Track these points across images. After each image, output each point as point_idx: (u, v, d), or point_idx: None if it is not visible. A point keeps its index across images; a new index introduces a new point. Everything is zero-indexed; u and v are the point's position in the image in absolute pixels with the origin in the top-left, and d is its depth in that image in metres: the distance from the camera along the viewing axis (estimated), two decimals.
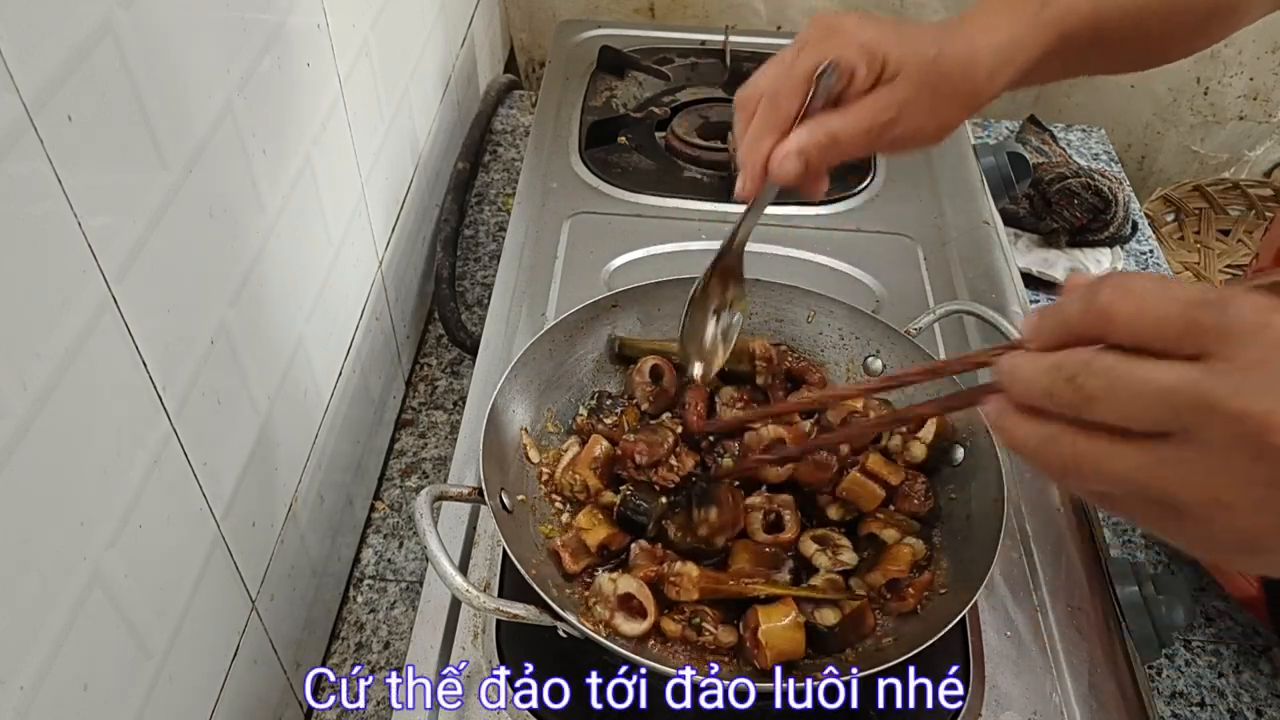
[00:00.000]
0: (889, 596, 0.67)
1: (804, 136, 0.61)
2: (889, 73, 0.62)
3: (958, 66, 0.63)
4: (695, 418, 0.75)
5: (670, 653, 0.65)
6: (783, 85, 0.61)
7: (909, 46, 0.62)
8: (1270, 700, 0.88)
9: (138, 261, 0.55)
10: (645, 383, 0.78)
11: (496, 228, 1.32)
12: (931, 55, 0.62)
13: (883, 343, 0.81)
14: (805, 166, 0.61)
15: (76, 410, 0.50)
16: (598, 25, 1.40)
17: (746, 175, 0.63)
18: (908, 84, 0.62)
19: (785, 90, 0.61)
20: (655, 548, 0.68)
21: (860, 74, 0.61)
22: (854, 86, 0.62)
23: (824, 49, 0.61)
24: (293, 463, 0.82)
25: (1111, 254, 1.28)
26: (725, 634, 0.65)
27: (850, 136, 0.62)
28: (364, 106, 0.95)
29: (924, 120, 0.64)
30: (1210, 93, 1.60)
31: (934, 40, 0.63)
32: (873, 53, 0.61)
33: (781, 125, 0.61)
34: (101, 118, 0.52)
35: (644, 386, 0.78)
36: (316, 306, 0.85)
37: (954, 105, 0.65)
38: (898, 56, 0.62)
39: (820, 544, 0.69)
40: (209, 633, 0.68)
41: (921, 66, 0.62)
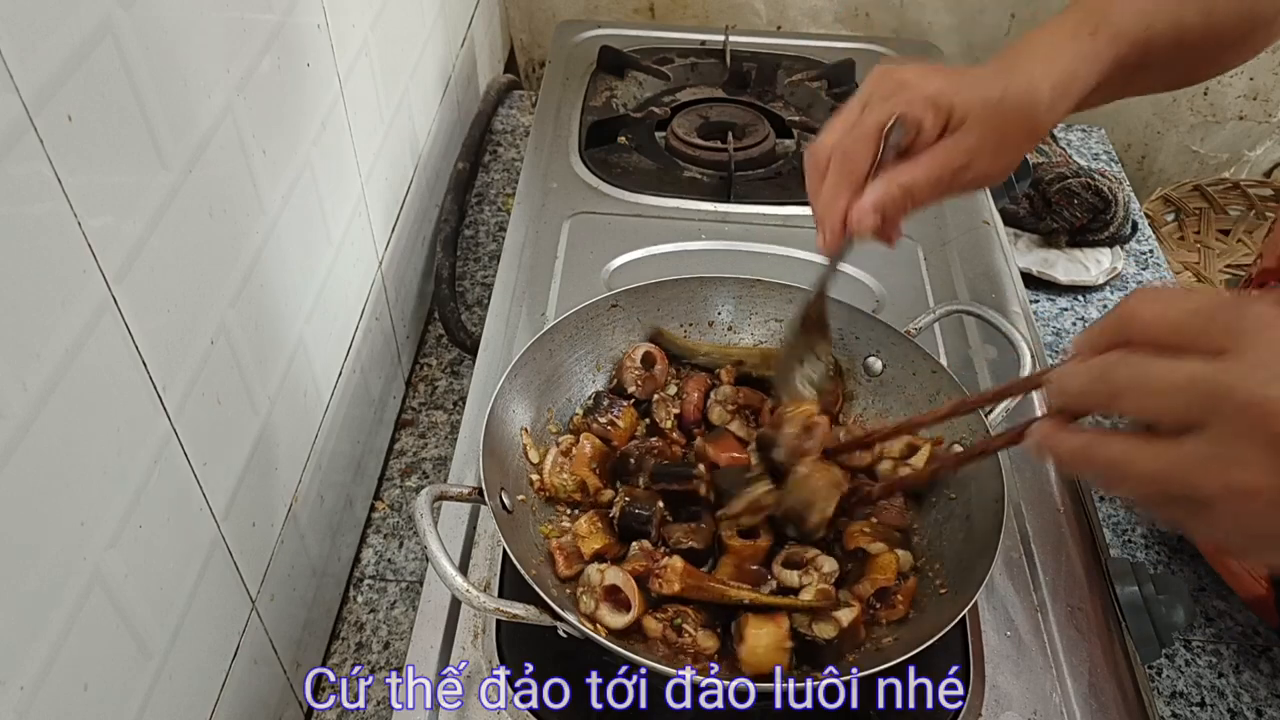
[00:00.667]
0: (879, 606, 0.67)
1: (879, 192, 0.63)
2: (955, 121, 0.63)
3: (1020, 106, 0.64)
4: (691, 408, 0.78)
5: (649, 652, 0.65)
6: (853, 142, 0.63)
7: (973, 93, 0.63)
8: (1270, 700, 0.88)
9: (138, 261, 0.55)
10: (635, 367, 0.79)
11: (496, 228, 1.32)
12: (995, 98, 0.64)
13: (883, 343, 0.81)
14: (882, 220, 0.63)
15: (76, 410, 0.50)
16: (598, 25, 1.40)
17: (826, 232, 0.65)
18: (976, 130, 0.63)
19: (856, 148, 0.63)
20: (656, 550, 0.69)
21: (927, 125, 0.63)
22: (922, 137, 0.63)
23: (891, 104, 0.63)
24: (293, 463, 0.82)
25: (1111, 254, 1.28)
26: (705, 638, 0.65)
27: (923, 187, 0.63)
28: (364, 106, 0.95)
29: (990, 163, 0.65)
30: (1210, 93, 1.60)
31: (995, 83, 0.64)
32: (939, 104, 0.63)
33: (855, 182, 0.63)
34: (101, 118, 0.52)
35: (633, 370, 0.79)
36: (316, 306, 0.85)
37: (1020, 141, 0.66)
38: (964, 102, 0.63)
39: (794, 566, 0.69)
40: (209, 633, 0.68)
41: (986, 111, 0.63)
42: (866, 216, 0.63)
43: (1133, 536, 1.00)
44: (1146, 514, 0.48)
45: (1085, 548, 0.77)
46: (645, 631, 0.65)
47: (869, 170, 0.63)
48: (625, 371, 0.80)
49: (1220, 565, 0.95)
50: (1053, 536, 0.78)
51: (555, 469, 0.73)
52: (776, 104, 1.24)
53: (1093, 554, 0.77)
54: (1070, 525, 0.79)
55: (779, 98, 1.26)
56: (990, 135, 0.64)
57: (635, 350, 0.81)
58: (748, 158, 1.13)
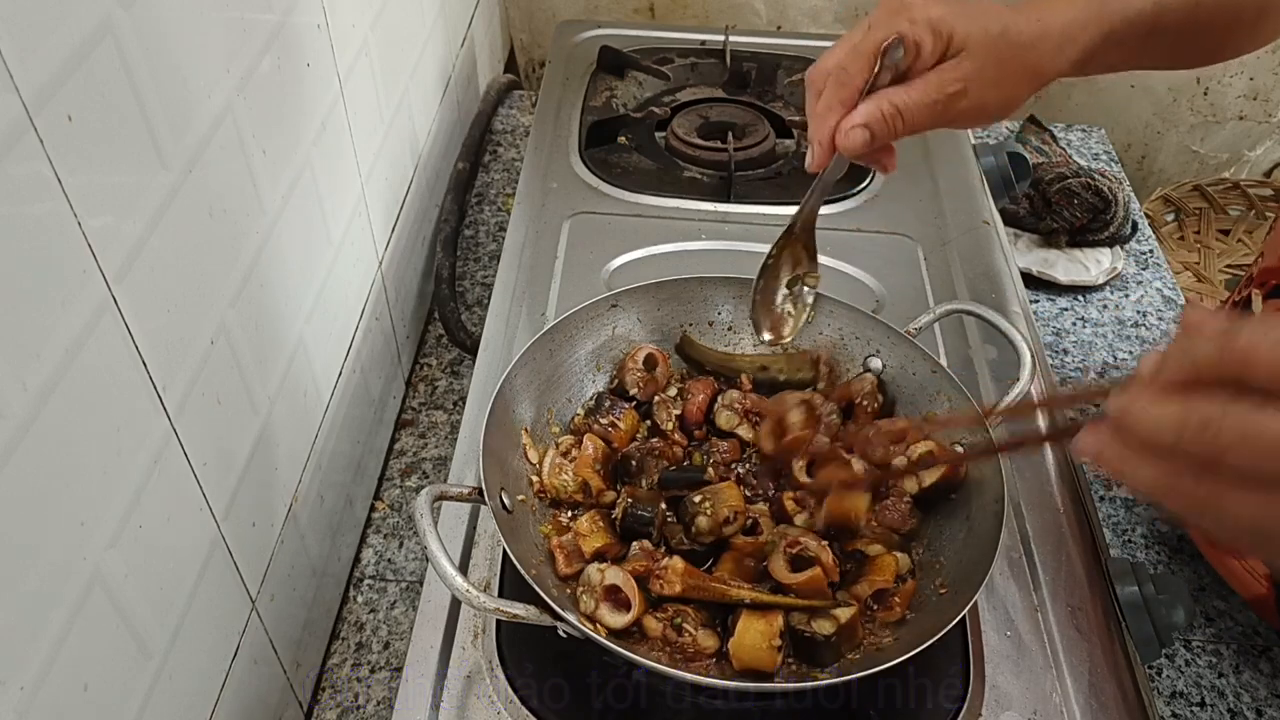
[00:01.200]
0: (876, 607, 0.67)
1: (869, 109, 0.63)
2: (955, 47, 0.63)
3: (1024, 40, 0.64)
4: (695, 409, 0.78)
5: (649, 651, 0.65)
6: (849, 61, 0.63)
7: (975, 21, 0.63)
8: (1270, 700, 0.88)
9: (138, 261, 0.55)
10: (637, 368, 0.79)
11: (496, 228, 1.32)
12: (998, 30, 0.64)
13: (883, 343, 0.81)
14: (871, 138, 0.63)
15: (76, 410, 0.50)
16: (598, 25, 1.40)
17: (815, 148, 0.65)
18: (973, 58, 0.63)
19: (852, 66, 0.63)
20: (657, 550, 0.69)
21: (926, 48, 0.63)
22: (920, 61, 0.63)
23: (890, 25, 0.62)
24: (293, 463, 0.82)
25: (1111, 254, 1.28)
26: (705, 638, 0.65)
27: (915, 109, 0.63)
28: (364, 106, 0.95)
29: (989, 94, 0.65)
30: (1210, 93, 1.60)
31: (999, 16, 0.64)
32: (938, 28, 0.63)
33: (848, 100, 0.63)
34: (101, 118, 0.52)
35: (635, 371, 0.79)
36: (316, 306, 0.85)
37: (1020, 79, 0.66)
38: (964, 31, 0.63)
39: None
40: (209, 633, 0.68)
41: (988, 40, 0.63)
42: (855, 132, 0.63)
43: (1133, 536, 1.00)
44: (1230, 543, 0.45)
45: (1085, 548, 0.77)
46: (645, 631, 0.65)
47: (863, 88, 0.63)
48: (626, 373, 0.79)
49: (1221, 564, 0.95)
50: (1053, 536, 0.78)
51: (554, 470, 0.73)
52: (776, 104, 1.24)
53: (1093, 554, 0.77)
54: (1070, 525, 0.79)
55: (779, 98, 1.26)
56: (989, 66, 0.64)
57: (638, 351, 0.81)
58: (748, 158, 1.13)
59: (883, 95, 0.63)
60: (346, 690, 0.87)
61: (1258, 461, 0.37)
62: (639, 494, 0.71)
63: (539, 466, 0.74)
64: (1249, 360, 0.37)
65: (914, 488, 0.73)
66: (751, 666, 0.63)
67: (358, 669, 0.89)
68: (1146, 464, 0.41)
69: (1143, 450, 0.41)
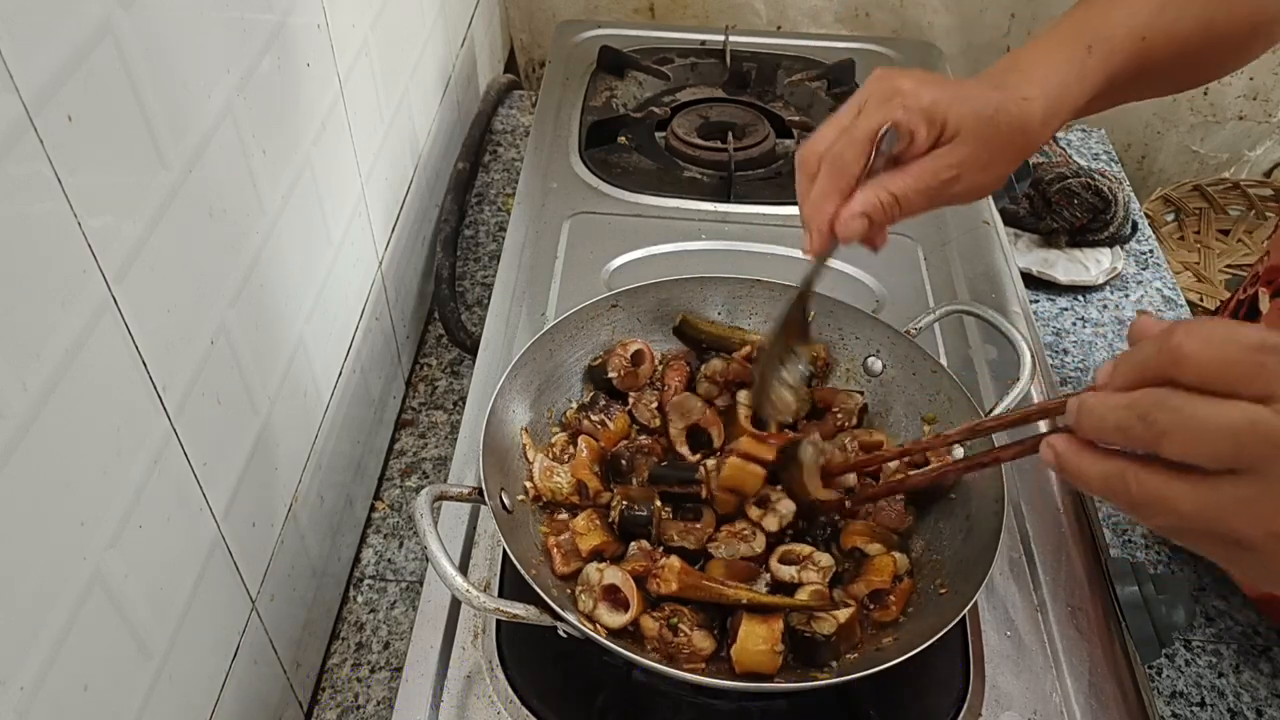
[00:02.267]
0: (872, 607, 0.67)
1: (868, 198, 0.63)
2: (948, 133, 0.63)
3: (1014, 121, 0.65)
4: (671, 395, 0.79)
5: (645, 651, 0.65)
6: (845, 147, 0.63)
7: (967, 105, 0.64)
8: (1270, 700, 0.88)
9: (138, 261, 0.55)
10: (625, 363, 0.80)
11: (496, 228, 1.32)
12: (989, 113, 0.64)
13: (883, 343, 0.81)
14: (870, 227, 0.63)
15: (76, 410, 0.50)
16: (598, 25, 1.40)
17: (813, 235, 0.65)
18: (967, 143, 0.64)
19: (848, 153, 0.63)
20: (655, 550, 0.69)
21: (920, 136, 0.63)
22: (914, 147, 0.63)
23: (885, 111, 0.63)
24: (293, 463, 0.82)
25: (1111, 254, 1.28)
26: (701, 639, 0.64)
27: (912, 196, 0.63)
28: (364, 106, 0.95)
29: (981, 175, 0.66)
30: (1210, 93, 1.60)
31: (989, 97, 0.64)
32: (932, 115, 0.63)
33: (845, 187, 0.63)
34: (101, 118, 0.52)
35: (621, 359, 0.79)
36: (316, 306, 0.85)
37: (1008, 157, 0.67)
38: (956, 116, 0.63)
39: (791, 563, 0.69)
40: (209, 633, 0.68)
41: (979, 125, 0.64)
42: (854, 221, 0.63)
43: (1133, 536, 1.00)
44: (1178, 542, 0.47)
45: (1085, 548, 0.77)
46: (642, 631, 0.65)
47: (859, 175, 0.63)
48: (613, 357, 0.79)
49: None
50: (1053, 536, 0.78)
51: (545, 474, 0.73)
52: (776, 104, 1.24)
53: (1093, 554, 0.77)
54: (1070, 525, 0.79)
55: (779, 98, 1.26)
56: (982, 149, 0.64)
57: (630, 343, 0.81)
58: (748, 158, 1.13)
59: (879, 183, 0.63)
60: (346, 690, 0.87)
61: (1193, 447, 0.39)
62: (633, 493, 0.71)
63: (530, 471, 0.74)
64: (1179, 356, 0.40)
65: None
66: (754, 670, 0.63)
67: (358, 669, 0.89)
68: (1098, 461, 0.43)
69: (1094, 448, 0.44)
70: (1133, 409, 0.41)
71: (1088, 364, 1.17)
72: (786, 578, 0.68)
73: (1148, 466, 0.41)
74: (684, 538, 0.69)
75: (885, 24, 1.59)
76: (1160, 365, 0.41)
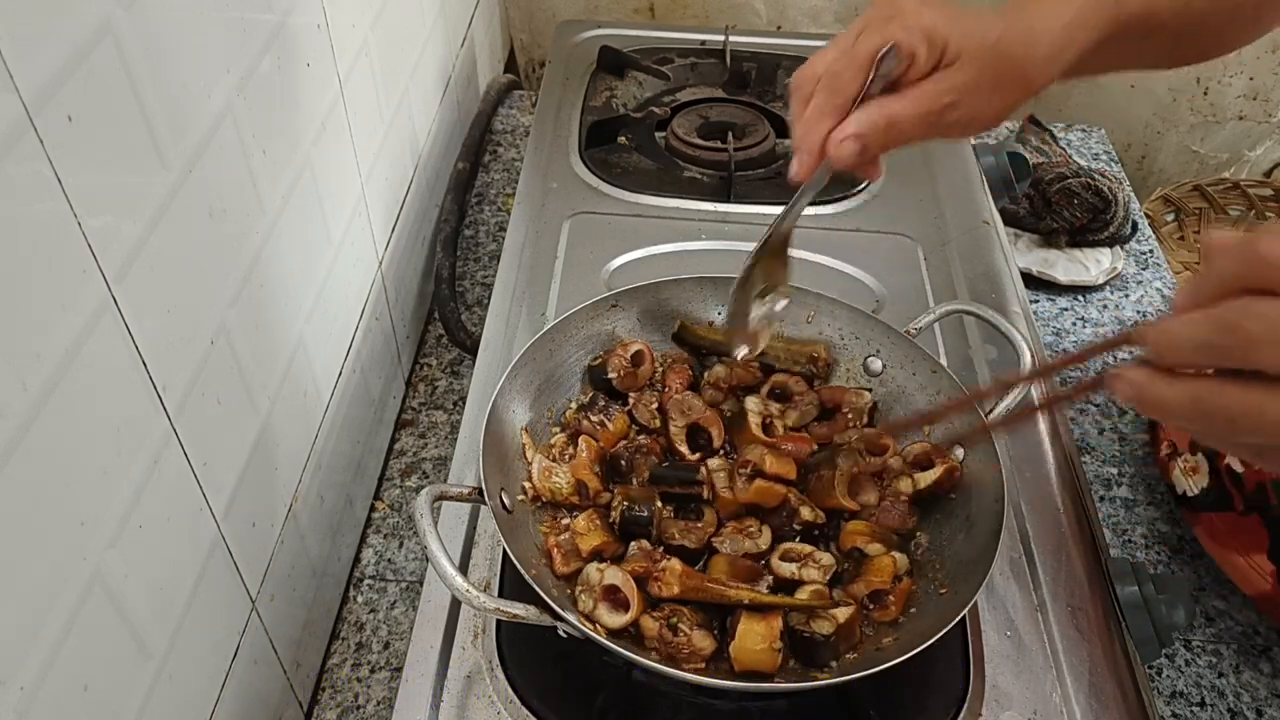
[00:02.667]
0: (872, 607, 0.67)
1: (863, 119, 0.60)
2: (949, 57, 0.62)
3: (1017, 50, 0.63)
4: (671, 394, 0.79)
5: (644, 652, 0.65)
6: (843, 67, 0.61)
7: (969, 30, 0.62)
8: (1270, 700, 0.88)
9: (138, 261, 0.55)
10: (625, 363, 0.79)
11: (496, 228, 1.32)
12: (992, 39, 0.62)
13: (883, 343, 0.81)
14: (863, 150, 0.61)
15: (76, 410, 0.50)
16: (598, 25, 1.40)
17: (802, 157, 0.62)
18: (968, 68, 0.62)
19: (845, 73, 0.61)
20: (655, 550, 0.69)
21: (921, 57, 0.61)
22: (914, 70, 0.61)
23: (886, 31, 0.60)
24: (293, 463, 0.82)
25: (1111, 254, 1.28)
26: (700, 639, 0.64)
27: (909, 121, 0.61)
28: (364, 106, 0.95)
29: (983, 104, 0.64)
30: (1210, 93, 1.60)
31: (994, 24, 0.63)
32: (933, 36, 0.61)
33: (840, 108, 0.61)
34: (101, 118, 0.52)
35: (621, 360, 0.79)
36: (316, 306, 0.85)
37: (1013, 89, 0.65)
38: (958, 40, 0.61)
39: (793, 560, 0.69)
40: (209, 633, 0.68)
41: (982, 50, 0.62)
42: (848, 143, 0.60)
43: (1133, 536, 1.00)
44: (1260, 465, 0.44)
45: (1085, 548, 0.77)
46: (642, 631, 0.65)
47: (856, 96, 0.61)
48: (613, 357, 0.79)
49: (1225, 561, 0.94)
50: (1053, 536, 0.78)
51: (544, 474, 0.73)
52: (776, 104, 1.24)
53: (1093, 554, 0.77)
54: (1070, 525, 0.79)
55: (779, 98, 1.26)
56: (983, 76, 0.62)
57: (630, 344, 0.81)
58: (748, 158, 1.13)
59: (876, 105, 0.61)
60: (346, 690, 0.87)
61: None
62: (633, 493, 0.71)
63: (529, 471, 0.74)
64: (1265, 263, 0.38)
65: (909, 488, 0.73)
66: (753, 669, 0.63)
67: (358, 669, 0.89)
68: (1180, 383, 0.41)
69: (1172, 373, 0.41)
70: (1220, 322, 0.39)
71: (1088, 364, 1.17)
72: (787, 574, 0.68)
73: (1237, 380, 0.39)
74: (685, 536, 0.69)
75: None
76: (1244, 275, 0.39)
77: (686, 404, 0.77)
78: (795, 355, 0.82)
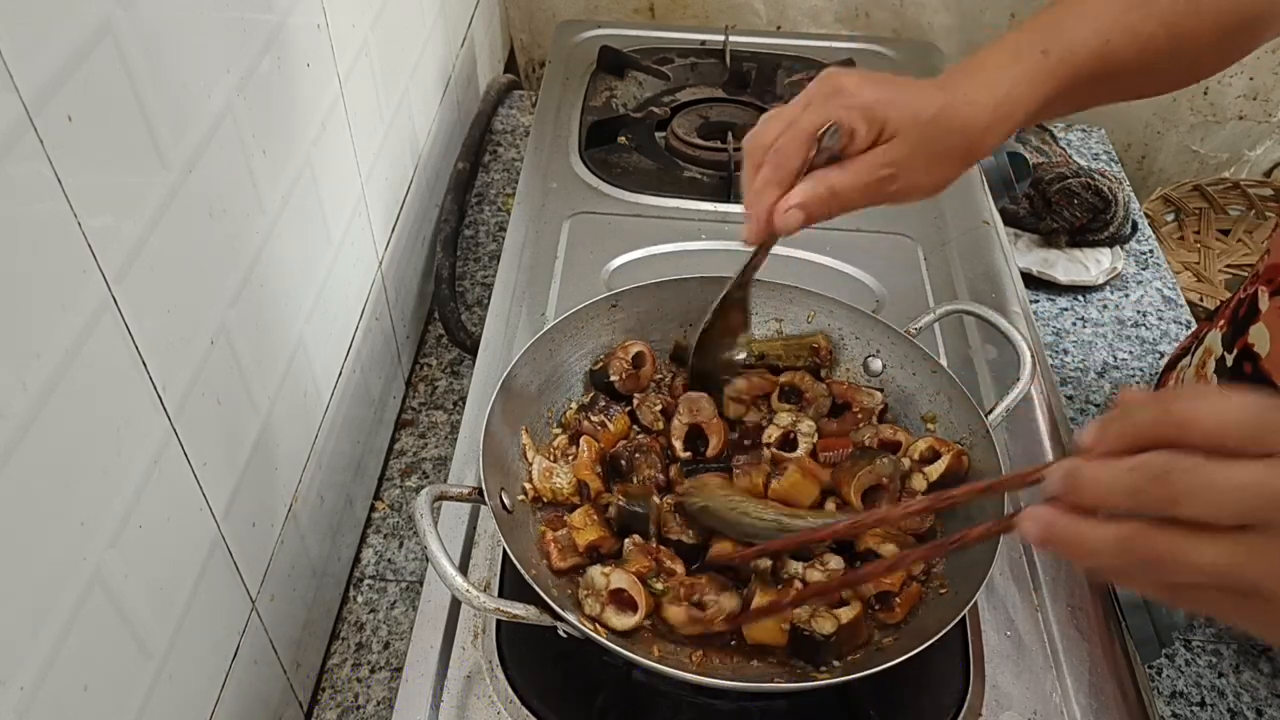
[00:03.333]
0: (878, 608, 0.67)
1: (807, 191, 0.65)
2: (887, 133, 0.65)
3: (955, 125, 0.66)
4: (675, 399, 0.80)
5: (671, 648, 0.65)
6: (787, 142, 0.65)
7: (907, 107, 0.65)
8: (1270, 700, 0.88)
9: (138, 261, 0.55)
10: (626, 365, 0.80)
11: (496, 228, 1.32)
12: (929, 116, 0.65)
13: (883, 343, 0.81)
14: (806, 219, 0.65)
15: (76, 410, 0.50)
16: (598, 25, 1.40)
17: (752, 224, 0.67)
18: (904, 144, 0.65)
19: (789, 147, 0.65)
20: (649, 544, 0.69)
21: (860, 134, 0.65)
22: (854, 145, 0.65)
23: (826, 109, 0.65)
24: (293, 463, 0.82)
25: (1111, 254, 1.28)
26: (728, 600, 0.65)
27: (850, 191, 0.65)
28: (364, 106, 0.95)
29: (920, 177, 0.68)
30: (1210, 93, 1.60)
31: (932, 99, 0.66)
32: (872, 114, 0.65)
33: (785, 180, 0.65)
34: (101, 118, 0.52)
35: (623, 362, 0.80)
36: (316, 306, 0.85)
37: (950, 161, 0.68)
38: (895, 118, 0.65)
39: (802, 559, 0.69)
40: (209, 633, 0.68)
41: (917, 126, 0.65)
42: (793, 213, 0.65)
43: None
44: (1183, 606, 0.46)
45: None
46: (671, 623, 0.65)
47: (799, 170, 0.65)
48: (614, 360, 0.79)
49: None
50: None
51: (545, 475, 0.73)
52: (776, 104, 1.24)
53: None
54: None
55: (779, 98, 1.26)
56: (919, 151, 0.66)
57: (631, 345, 0.81)
58: None
59: (818, 177, 0.65)
60: (346, 690, 0.87)
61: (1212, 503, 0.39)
62: (631, 490, 0.71)
63: (529, 471, 0.74)
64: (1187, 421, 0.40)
65: (922, 484, 0.73)
66: (763, 644, 0.65)
67: (358, 669, 0.89)
68: (1104, 526, 0.42)
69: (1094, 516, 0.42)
70: (1145, 470, 0.40)
71: (1088, 364, 1.17)
72: (793, 574, 0.68)
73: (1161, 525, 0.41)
74: (683, 532, 0.70)
75: (885, 24, 1.59)
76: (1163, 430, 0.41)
77: (696, 405, 0.77)
78: (796, 350, 0.82)
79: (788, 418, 0.77)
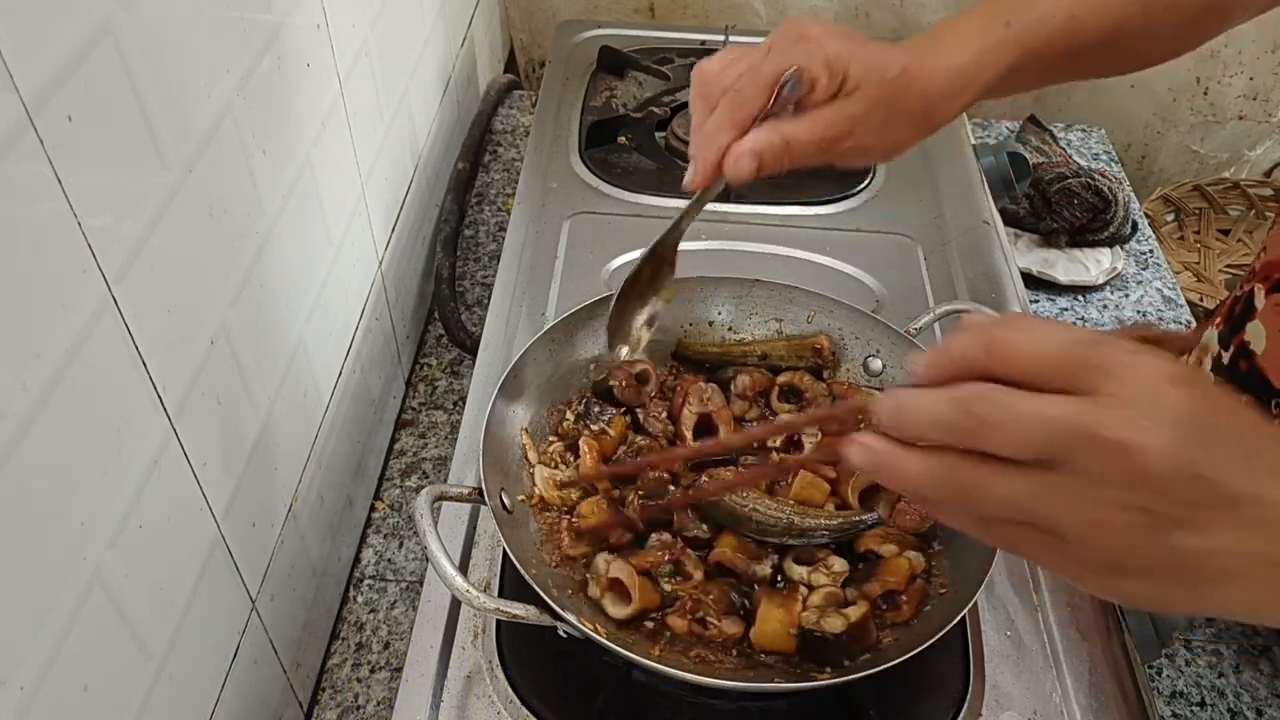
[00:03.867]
0: (885, 607, 0.67)
1: (762, 138, 0.62)
2: (848, 87, 0.63)
3: (914, 88, 0.64)
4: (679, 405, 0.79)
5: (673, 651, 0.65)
6: (746, 83, 0.62)
7: (871, 63, 0.63)
8: (1270, 700, 0.88)
9: (138, 261, 0.55)
10: (629, 379, 0.79)
11: (496, 228, 1.32)
12: (891, 75, 0.63)
13: (883, 343, 0.81)
14: (759, 169, 0.62)
15: (76, 410, 0.50)
16: (598, 25, 1.40)
17: (699, 167, 0.63)
18: (863, 100, 0.63)
19: (749, 90, 0.62)
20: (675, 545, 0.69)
21: (821, 85, 0.62)
22: (814, 96, 0.63)
23: (791, 55, 0.62)
24: (293, 463, 0.82)
25: (1111, 254, 1.28)
26: (730, 625, 0.65)
27: (802, 144, 0.63)
28: (364, 106, 0.95)
29: (873, 138, 0.65)
30: (1210, 93, 1.60)
31: (895, 60, 0.64)
32: (835, 66, 0.62)
33: (741, 123, 0.62)
34: (101, 118, 0.52)
35: (626, 375, 0.79)
36: (316, 306, 0.85)
37: (906, 126, 0.66)
38: (858, 72, 0.63)
39: (805, 564, 0.69)
40: (209, 633, 0.68)
41: (879, 85, 0.63)
42: (744, 159, 0.61)
43: None
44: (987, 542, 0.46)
45: None
46: (672, 629, 0.65)
47: (757, 115, 0.62)
48: (617, 371, 0.79)
49: None
50: None
51: (549, 484, 0.72)
52: None
53: None
54: None
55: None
56: (877, 110, 0.63)
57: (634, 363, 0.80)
58: None
59: (774, 125, 0.62)
60: (346, 690, 0.87)
61: (1017, 436, 0.39)
62: (648, 484, 0.72)
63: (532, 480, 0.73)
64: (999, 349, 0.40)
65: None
66: (772, 648, 0.65)
67: (358, 669, 0.89)
68: (915, 457, 0.42)
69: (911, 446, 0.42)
70: (957, 402, 0.40)
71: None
72: (797, 578, 0.68)
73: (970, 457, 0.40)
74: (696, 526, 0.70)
75: (885, 24, 1.59)
76: (981, 360, 0.40)
77: (706, 395, 0.77)
78: (798, 350, 0.82)
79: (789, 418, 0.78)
